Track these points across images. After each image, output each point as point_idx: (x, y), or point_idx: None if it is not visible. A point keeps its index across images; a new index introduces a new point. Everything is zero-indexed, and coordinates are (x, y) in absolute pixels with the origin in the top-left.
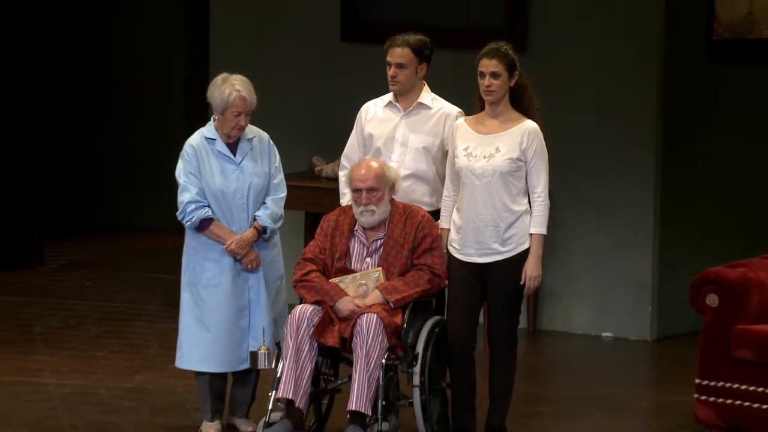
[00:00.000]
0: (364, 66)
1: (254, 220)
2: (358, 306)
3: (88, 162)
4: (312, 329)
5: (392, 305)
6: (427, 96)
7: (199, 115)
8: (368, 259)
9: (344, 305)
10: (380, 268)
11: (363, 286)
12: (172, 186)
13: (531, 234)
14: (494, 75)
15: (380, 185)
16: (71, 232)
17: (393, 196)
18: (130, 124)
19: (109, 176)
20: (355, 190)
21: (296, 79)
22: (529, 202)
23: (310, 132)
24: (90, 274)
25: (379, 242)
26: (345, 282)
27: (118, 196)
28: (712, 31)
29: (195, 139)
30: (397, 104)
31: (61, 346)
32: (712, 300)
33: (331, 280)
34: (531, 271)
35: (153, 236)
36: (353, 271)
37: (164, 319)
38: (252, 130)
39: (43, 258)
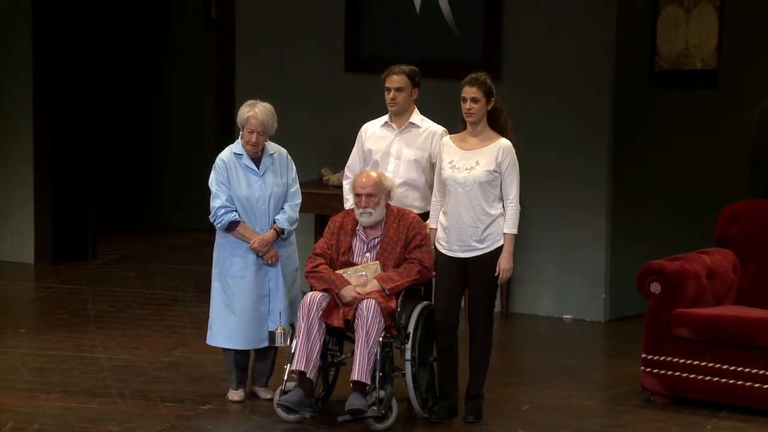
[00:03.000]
0: (364, 92)
1: (274, 222)
2: (359, 293)
3: (135, 171)
4: (321, 312)
5: (388, 292)
6: (417, 117)
7: (226, 133)
8: (368, 254)
9: (348, 292)
10: (378, 261)
11: (363, 276)
12: (205, 192)
13: (504, 233)
14: (474, 100)
15: (377, 192)
16: (120, 231)
17: (389, 202)
18: (170, 141)
19: (151, 183)
20: (357, 195)
21: (308, 103)
22: (503, 206)
23: (319, 147)
24: (135, 266)
25: (376, 240)
26: (348, 273)
27: (158, 200)
28: (654, 63)
29: (225, 154)
30: (392, 124)
31: (110, 326)
32: (655, 288)
33: (336, 272)
34: (504, 264)
35: (187, 234)
36: (355, 264)
37: (197, 304)
38: (273, 147)
39: (96, 252)
